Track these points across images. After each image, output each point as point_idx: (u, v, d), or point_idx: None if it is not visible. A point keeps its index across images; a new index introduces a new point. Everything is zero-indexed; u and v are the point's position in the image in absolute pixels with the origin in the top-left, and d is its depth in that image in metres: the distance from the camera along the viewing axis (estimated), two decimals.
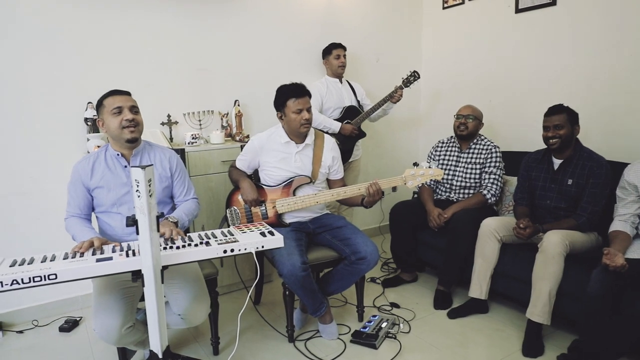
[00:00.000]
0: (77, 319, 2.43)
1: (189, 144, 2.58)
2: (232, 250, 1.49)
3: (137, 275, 1.38)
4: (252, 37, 2.97)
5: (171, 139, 2.69)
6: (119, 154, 1.80)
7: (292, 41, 3.13)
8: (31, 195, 2.41)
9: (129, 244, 1.55)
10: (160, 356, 1.43)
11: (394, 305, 2.49)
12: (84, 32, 2.44)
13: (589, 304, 1.78)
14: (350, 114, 3.00)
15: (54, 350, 2.18)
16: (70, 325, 2.35)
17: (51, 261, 1.39)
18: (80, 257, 1.43)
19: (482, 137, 2.71)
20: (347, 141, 2.98)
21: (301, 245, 2.07)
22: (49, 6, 2.34)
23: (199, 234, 1.61)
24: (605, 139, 2.54)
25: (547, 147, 2.25)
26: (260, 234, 1.60)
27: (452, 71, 3.50)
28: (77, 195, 1.78)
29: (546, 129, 2.21)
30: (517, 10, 2.96)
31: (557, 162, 2.25)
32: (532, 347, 2.02)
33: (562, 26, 2.72)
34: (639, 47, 2.40)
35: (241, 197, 2.21)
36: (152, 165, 1.31)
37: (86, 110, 2.42)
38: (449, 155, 2.76)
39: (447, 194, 2.72)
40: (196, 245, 1.49)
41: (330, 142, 2.30)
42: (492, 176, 2.59)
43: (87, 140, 2.37)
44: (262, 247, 1.55)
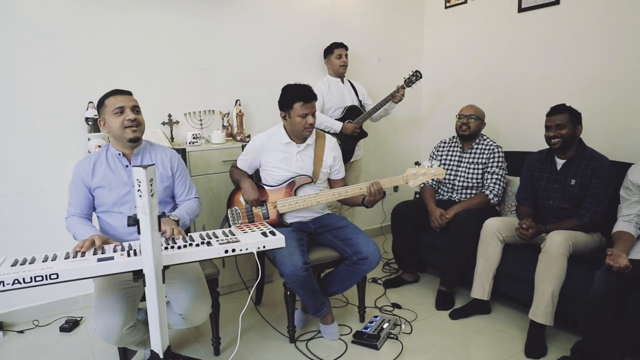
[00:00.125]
0: (78, 319, 2.42)
1: (189, 143, 2.58)
2: (234, 250, 1.49)
3: (138, 275, 1.38)
4: (253, 37, 2.96)
5: (172, 138, 2.69)
6: (120, 154, 1.80)
7: (293, 41, 3.12)
8: (32, 194, 2.40)
9: (130, 244, 1.55)
10: (161, 356, 1.43)
11: (395, 305, 2.49)
12: (85, 31, 2.44)
13: (592, 305, 1.77)
14: (351, 113, 2.99)
15: (54, 350, 2.18)
16: (70, 325, 2.35)
17: (52, 261, 1.39)
18: (81, 256, 1.43)
19: (485, 137, 2.70)
20: (349, 141, 2.97)
21: (302, 245, 2.06)
22: (50, 6, 2.33)
23: (200, 234, 1.61)
24: (608, 138, 2.53)
25: (549, 147, 2.24)
26: (261, 234, 1.60)
27: (454, 71, 3.49)
28: (78, 195, 1.78)
29: (548, 128, 2.21)
30: (520, 9, 2.95)
31: (560, 162, 2.24)
32: (534, 348, 2.01)
33: (566, 25, 2.71)
34: None
35: (242, 197, 2.20)
36: (153, 164, 1.31)
37: (87, 109, 2.41)
38: (451, 155, 2.75)
39: (449, 194, 2.71)
40: (197, 245, 1.49)
41: (331, 142, 2.29)
42: (495, 176, 2.58)
43: (88, 139, 2.36)
44: (264, 247, 1.55)
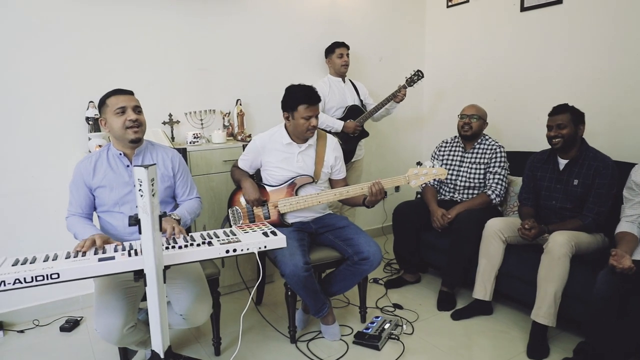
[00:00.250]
0: (78, 318, 2.42)
1: (190, 143, 2.57)
2: (235, 250, 1.48)
3: (139, 275, 1.37)
4: (254, 36, 2.95)
5: (173, 138, 2.68)
6: (121, 154, 1.79)
7: (294, 40, 3.11)
8: (32, 194, 2.40)
9: (131, 244, 1.55)
10: (162, 356, 1.42)
11: (397, 306, 2.48)
12: (85, 30, 2.43)
13: (595, 305, 1.76)
14: (353, 113, 2.98)
15: (54, 350, 2.17)
16: (71, 325, 2.34)
17: (53, 260, 1.38)
18: (82, 256, 1.42)
19: (487, 136, 2.69)
20: (350, 141, 2.96)
21: (303, 245, 2.05)
22: (50, 5, 2.33)
23: (201, 234, 1.60)
24: (611, 138, 2.52)
25: (551, 146, 2.23)
26: (262, 234, 1.59)
27: (456, 70, 3.47)
28: (79, 194, 1.78)
29: (549, 128, 2.20)
30: (523, 8, 2.93)
31: (562, 162, 2.23)
32: (537, 349, 2.00)
33: (568, 25, 2.70)
34: None
35: (243, 197, 2.20)
36: (155, 164, 1.30)
37: (87, 109, 2.41)
38: (453, 155, 2.74)
39: (451, 194, 2.70)
40: (198, 245, 1.49)
41: (332, 142, 2.28)
42: (497, 176, 2.57)
43: (89, 139, 2.36)
44: (265, 247, 1.54)
